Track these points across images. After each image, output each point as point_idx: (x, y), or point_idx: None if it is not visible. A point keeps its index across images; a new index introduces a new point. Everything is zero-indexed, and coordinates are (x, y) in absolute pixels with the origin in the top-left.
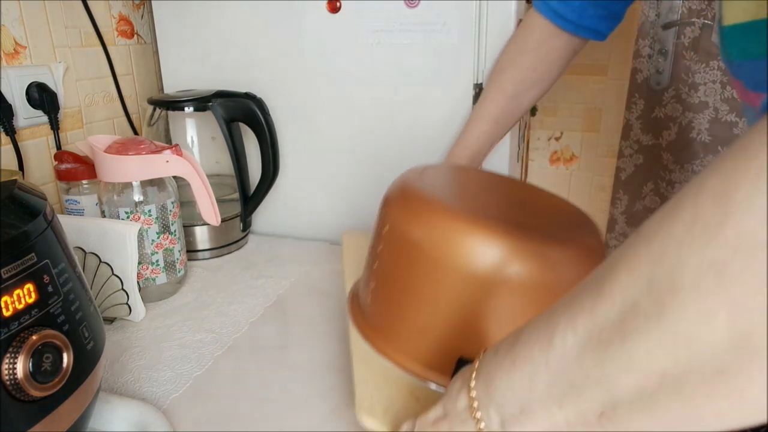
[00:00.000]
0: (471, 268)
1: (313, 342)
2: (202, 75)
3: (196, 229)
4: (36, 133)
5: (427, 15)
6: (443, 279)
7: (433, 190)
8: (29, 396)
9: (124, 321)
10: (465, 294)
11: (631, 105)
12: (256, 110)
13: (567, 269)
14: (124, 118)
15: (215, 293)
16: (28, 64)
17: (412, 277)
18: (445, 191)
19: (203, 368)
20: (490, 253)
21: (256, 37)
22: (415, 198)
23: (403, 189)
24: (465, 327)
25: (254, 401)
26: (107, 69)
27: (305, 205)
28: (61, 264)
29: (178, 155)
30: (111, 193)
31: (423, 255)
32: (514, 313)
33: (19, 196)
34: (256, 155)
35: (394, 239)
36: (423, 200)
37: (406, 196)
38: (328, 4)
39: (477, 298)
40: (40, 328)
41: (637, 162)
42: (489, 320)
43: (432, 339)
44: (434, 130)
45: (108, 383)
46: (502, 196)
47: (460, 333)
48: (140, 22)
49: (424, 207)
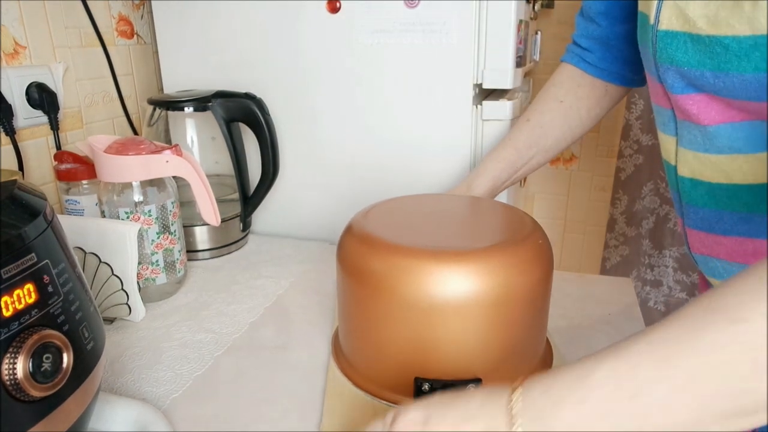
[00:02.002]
0: (412, 295)
1: (313, 342)
2: (202, 75)
3: (196, 229)
4: (36, 133)
5: (427, 15)
6: (390, 308)
7: (374, 227)
8: (29, 396)
9: (124, 321)
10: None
11: (631, 105)
12: (256, 110)
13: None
14: (124, 118)
15: (215, 293)
16: (28, 64)
17: (363, 309)
18: (386, 227)
19: (203, 368)
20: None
21: (256, 37)
22: (358, 236)
23: (349, 228)
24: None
25: (254, 401)
26: (107, 69)
27: (305, 205)
28: (61, 264)
29: (178, 155)
30: (111, 193)
31: (369, 287)
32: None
33: (19, 196)
34: (256, 155)
35: (347, 276)
36: (366, 238)
37: (351, 234)
38: (328, 4)
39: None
40: (40, 328)
41: (637, 162)
42: (440, 340)
43: (387, 362)
44: (434, 130)
45: (108, 383)
46: (445, 217)
47: (412, 354)
48: (140, 22)
49: (367, 243)
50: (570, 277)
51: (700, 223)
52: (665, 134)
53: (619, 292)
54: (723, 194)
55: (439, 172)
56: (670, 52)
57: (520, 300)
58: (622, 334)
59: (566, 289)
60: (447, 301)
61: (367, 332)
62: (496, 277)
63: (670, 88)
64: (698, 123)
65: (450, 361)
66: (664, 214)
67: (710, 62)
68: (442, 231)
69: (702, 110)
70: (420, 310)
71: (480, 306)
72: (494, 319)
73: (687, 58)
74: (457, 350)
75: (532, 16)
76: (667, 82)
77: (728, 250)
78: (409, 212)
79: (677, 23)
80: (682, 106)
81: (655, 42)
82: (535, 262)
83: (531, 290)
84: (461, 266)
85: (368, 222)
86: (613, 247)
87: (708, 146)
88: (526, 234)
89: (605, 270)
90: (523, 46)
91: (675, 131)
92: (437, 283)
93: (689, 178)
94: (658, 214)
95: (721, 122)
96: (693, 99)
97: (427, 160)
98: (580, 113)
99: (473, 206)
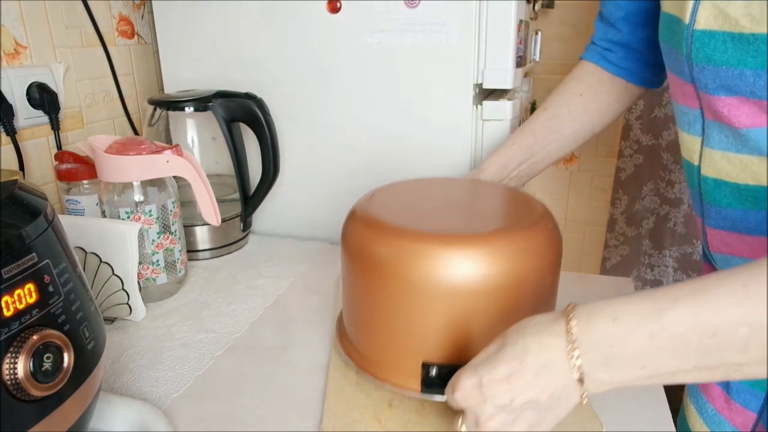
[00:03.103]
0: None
1: (313, 342)
2: (202, 75)
3: (196, 229)
4: (36, 133)
5: (427, 15)
6: (396, 292)
7: (379, 211)
8: (30, 396)
9: (125, 321)
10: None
11: (631, 105)
12: (256, 110)
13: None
14: (125, 118)
15: (215, 293)
16: (28, 64)
17: (369, 293)
18: (391, 210)
19: (203, 368)
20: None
21: (256, 37)
22: (363, 220)
23: (353, 213)
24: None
25: (254, 401)
26: (107, 69)
27: (305, 205)
28: (62, 264)
29: (178, 155)
30: (111, 193)
31: (375, 271)
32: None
33: (20, 196)
34: (256, 155)
35: (352, 260)
36: (371, 221)
37: (356, 219)
38: (328, 4)
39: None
40: (41, 328)
41: (637, 162)
42: (447, 324)
43: (394, 346)
44: (434, 130)
45: (108, 383)
46: (452, 201)
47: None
48: (140, 22)
49: (372, 228)
50: (570, 277)
51: (723, 223)
52: (690, 134)
53: (619, 292)
54: (749, 194)
55: (439, 172)
56: (708, 51)
57: (528, 285)
58: None
59: (566, 289)
60: (454, 285)
61: (373, 316)
62: (504, 262)
63: (703, 87)
64: (729, 125)
65: (458, 345)
66: (664, 214)
67: (752, 61)
68: (450, 214)
69: (732, 113)
70: (427, 294)
71: (488, 290)
72: (502, 304)
73: (726, 57)
74: (465, 334)
75: (532, 16)
76: (700, 82)
77: (752, 248)
78: (415, 196)
79: (716, 23)
80: (714, 107)
81: (690, 42)
82: (545, 247)
83: (539, 275)
84: (469, 250)
85: (373, 206)
86: (613, 247)
87: (740, 147)
88: (536, 219)
89: (605, 270)
90: (523, 46)
91: (702, 131)
92: (444, 267)
93: (713, 178)
94: (658, 214)
95: (751, 126)
96: (724, 101)
97: (427, 160)
98: (600, 107)
99: (481, 190)
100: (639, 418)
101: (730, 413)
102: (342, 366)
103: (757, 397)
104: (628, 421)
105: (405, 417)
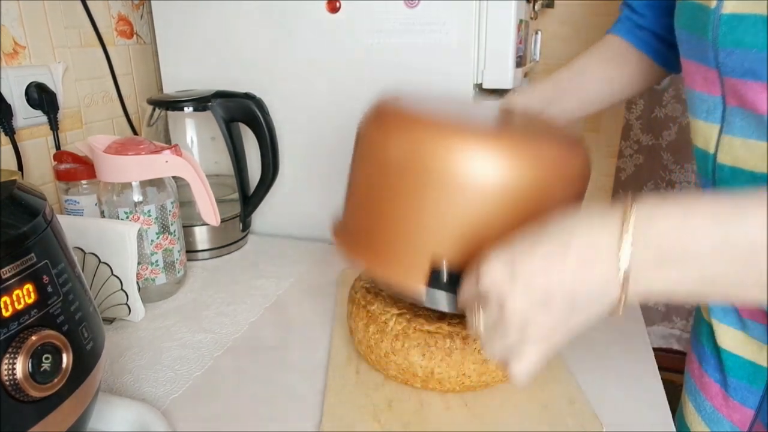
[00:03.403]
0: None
1: (313, 342)
2: (201, 75)
3: (195, 229)
4: (35, 133)
5: (426, 15)
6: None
7: (409, 108)
8: (29, 396)
9: (124, 321)
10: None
11: (631, 105)
12: (256, 110)
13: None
14: (124, 118)
15: (215, 293)
16: (27, 64)
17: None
18: (422, 109)
19: (203, 368)
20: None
21: (255, 37)
22: (392, 114)
23: (379, 109)
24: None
25: (254, 401)
26: (107, 69)
27: (305, 205)
28: (61, 264)
29: (177, 155)
30: (110, 193)
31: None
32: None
33: (19, 196)
34: (255, 155)
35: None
36: (400, 115)
37: (382, 114)
38: (327, 4)
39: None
40: (40, 328)
41: (637, 162)
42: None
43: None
44: None
45: (108, 383)
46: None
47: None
48: (140, 22)
49: (402, 121)
50: None
51: None
52: (707, 122)
53: None
54: (765, 183)
55: None
56: (737, 35)
57: (551, 201)
58: (621, 334)
59: None
60: (474, 183)
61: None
62: (530, 169)
63: (729, 72)
64: (753, 110)
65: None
66: None
67: None
68: (478, 119)
69: (758, 98)
70: (445, 189)
71: (507, 196)
72: (522, 214)
73: (757, 40)
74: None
75: (532, 16)
76: (726, 66)
77: None
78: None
79: (746, 6)
80: (740, 92)
81: (717, 26)
82: (574, 167)
83: (564, 193)
84: (493, 149)
85: (402, 105)
86: None
87: (761, 134)
88: (571, 139)
89: None
90: (523, 46)
91: (721, 119)
92: (465, 162)
93: (730, 166)
94: None
95: None
96: (750, 86)
97: None
98: (622, 78)
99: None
100: (639, 418)
101: (728, 410)
102: (342, 366)
103: (754, 393)
104: (628, 421)
105: (405, 417)
